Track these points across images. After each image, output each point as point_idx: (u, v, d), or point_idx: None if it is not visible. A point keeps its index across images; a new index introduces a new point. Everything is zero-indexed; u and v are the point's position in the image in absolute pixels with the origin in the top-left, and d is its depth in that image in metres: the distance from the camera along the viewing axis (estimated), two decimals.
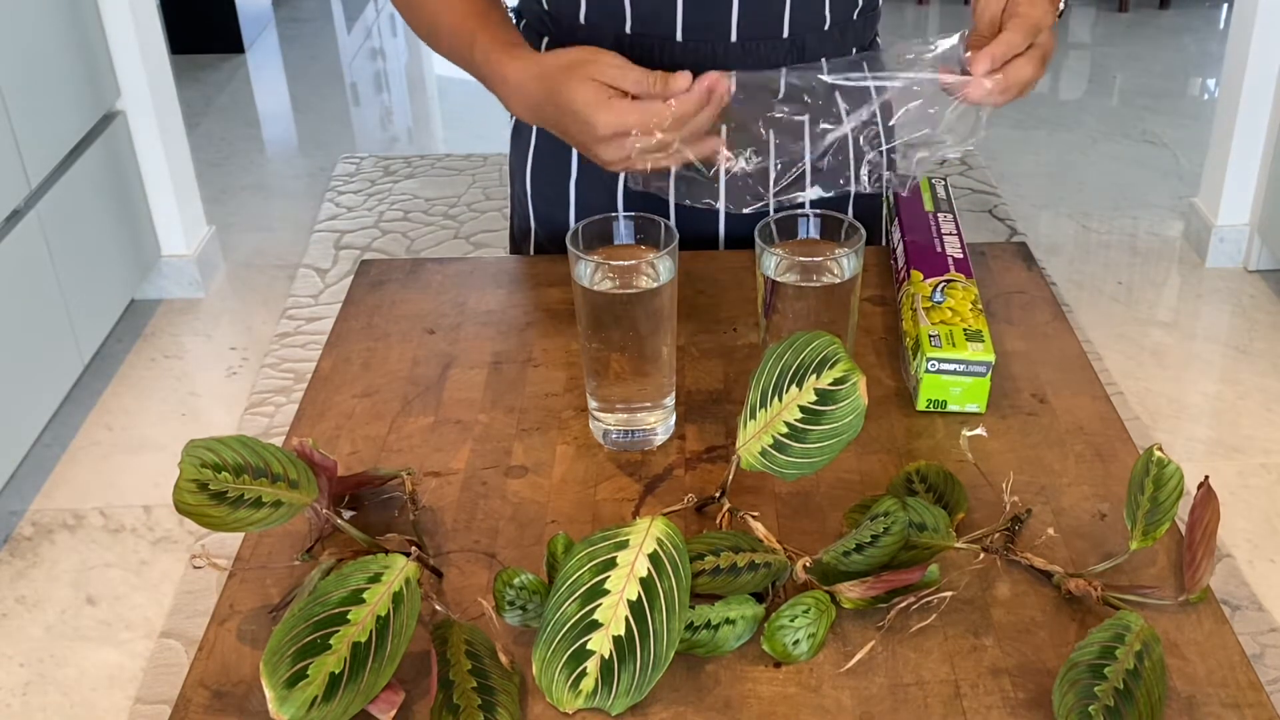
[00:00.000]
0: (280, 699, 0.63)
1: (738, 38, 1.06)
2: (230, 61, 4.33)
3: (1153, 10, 4.74)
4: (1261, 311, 2.74)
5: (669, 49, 1.07)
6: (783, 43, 1.07)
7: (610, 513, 0.83)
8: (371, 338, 1.03)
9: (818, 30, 1.08)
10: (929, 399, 0.91)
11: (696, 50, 1.06)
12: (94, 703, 1.80)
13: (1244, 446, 2.31)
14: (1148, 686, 0.66)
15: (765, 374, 0.78)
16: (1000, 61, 0.88)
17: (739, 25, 1.06)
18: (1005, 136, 3.69)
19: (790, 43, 1.07)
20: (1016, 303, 1.05)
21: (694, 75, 1.05)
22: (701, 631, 0.71)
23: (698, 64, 1.06)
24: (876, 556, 0.73)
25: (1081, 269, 2.95)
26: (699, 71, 1.06)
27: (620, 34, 1.07)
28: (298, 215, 3.27)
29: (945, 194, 1.10)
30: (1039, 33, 0.89)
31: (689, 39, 1.06)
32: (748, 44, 1.07)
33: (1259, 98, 2.72)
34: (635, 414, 0.88)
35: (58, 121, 2.32)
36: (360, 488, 0.84)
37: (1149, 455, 0.76)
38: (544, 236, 1.20)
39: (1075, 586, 0.74)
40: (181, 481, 0.72)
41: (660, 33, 1.06)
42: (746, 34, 1.06)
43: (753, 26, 1.06)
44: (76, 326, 2.34)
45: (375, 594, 0.67)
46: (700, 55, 1.07)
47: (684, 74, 0.88)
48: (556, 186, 1.17)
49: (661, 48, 1.06)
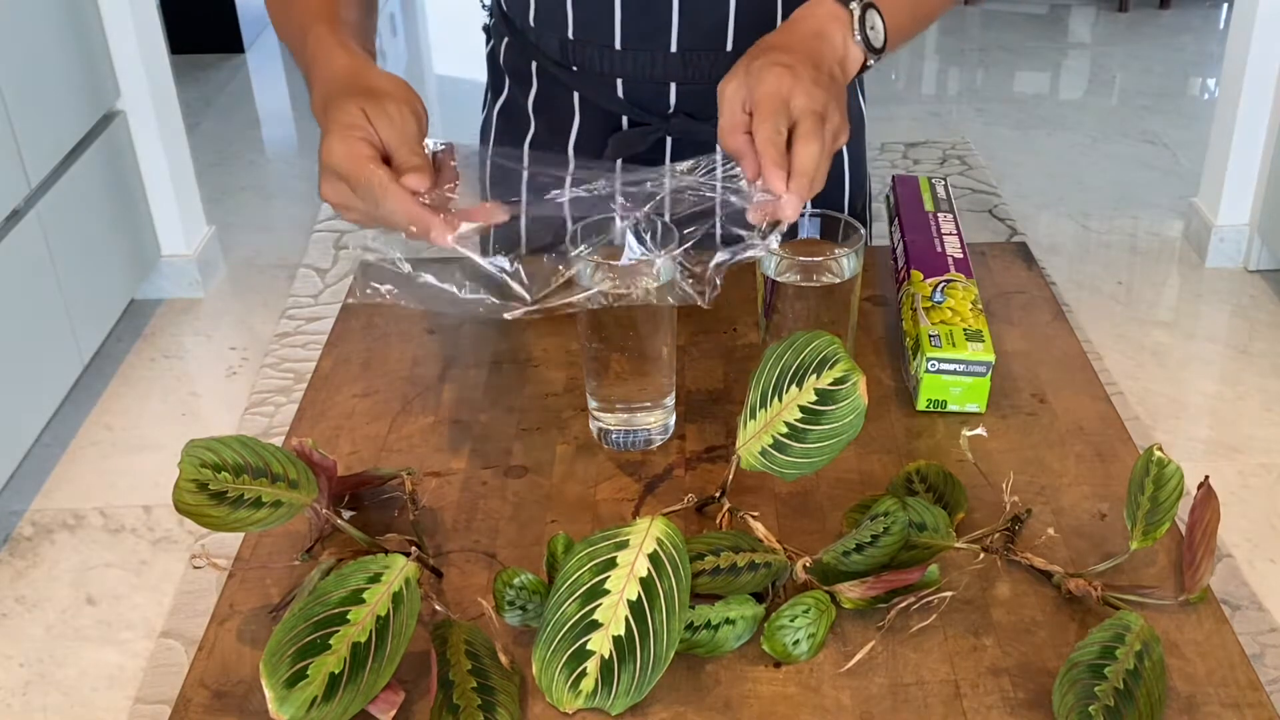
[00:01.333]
0: (280, 699, 0.63)
1: (678, 48, 1.03)
2: (230, 61, 4.33)
3: (1153, 10, 4.74)
4: (1261, 311, 2.74)
5: (608, 56, 1.05)
6: (726, 56, 1.04)
7: (610, 513, 0.83)
8: (371, 338, 1.03)
9: None
10: (929, 399, 0.91)
11: (635, 60, 1.04)
12: (94, 703, 1.80)
13: (1244, 446, 2.31)
14: (1148, 686, 0.66)
15: (765, 374, 0.78)
16: (776, 163, 0.77)
17: (679, 36, 1.03)
18: (1005, 136, 3.69)
19: (734, 56, 1.01)
20: (1016, 303, 1.05)
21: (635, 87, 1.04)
22: (701, 631, 0.71)
23: (637, 74, 1.06)
24: (876, 556, 0.73)
25: (1081, 269, 2.95)
26: (639, 84, 1.06)
27: (564, 39, 1.05)
28: (298, 215, 3.27)
29: (945, 194, 1.10)
30: (787, 102, 0.80)
31: (628, 47, 1.04)
32: (688, 55, 1.04)
33: (1259, 98, 2.72)
34: (635, 414, 0.88)
35: (58, 121, 2.32)
36: (360, 488, 0.84)
37: (1149, 455, 0.76)
38: (499, 239, 1.20)
39: (1075, 586, 0.74)
40: (181, 481, 0.72)
41: (600, 39, 1.04)
42: (688, 45, 1.03)
43: (695, 38, 1.03)
44: (76, 326, 2.34)
45: (375, 594, 0.67)
46: (639, 64, 1.04)
47: (422, 179, 0.77)
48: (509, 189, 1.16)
49: (601, 55, 1.05)
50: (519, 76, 1.12)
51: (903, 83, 4.20)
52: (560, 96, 1.10)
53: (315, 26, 0.88)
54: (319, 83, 0.85)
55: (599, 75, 1.06)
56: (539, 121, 1.12)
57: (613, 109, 1.08)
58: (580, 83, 1.07)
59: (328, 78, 0.84)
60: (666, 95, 1.06)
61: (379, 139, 0.78)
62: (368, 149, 0.77)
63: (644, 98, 1.07)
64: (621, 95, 1.07)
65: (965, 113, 3.89)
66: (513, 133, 1.14)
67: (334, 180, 0.78)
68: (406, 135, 0.79)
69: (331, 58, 0.85)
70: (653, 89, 1.06)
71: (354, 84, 0.82)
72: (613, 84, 1.06)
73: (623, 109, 1.07)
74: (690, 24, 1.02)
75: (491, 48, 1.16)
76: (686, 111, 1.06)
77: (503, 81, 1.14)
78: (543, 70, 1.09)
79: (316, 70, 0.86)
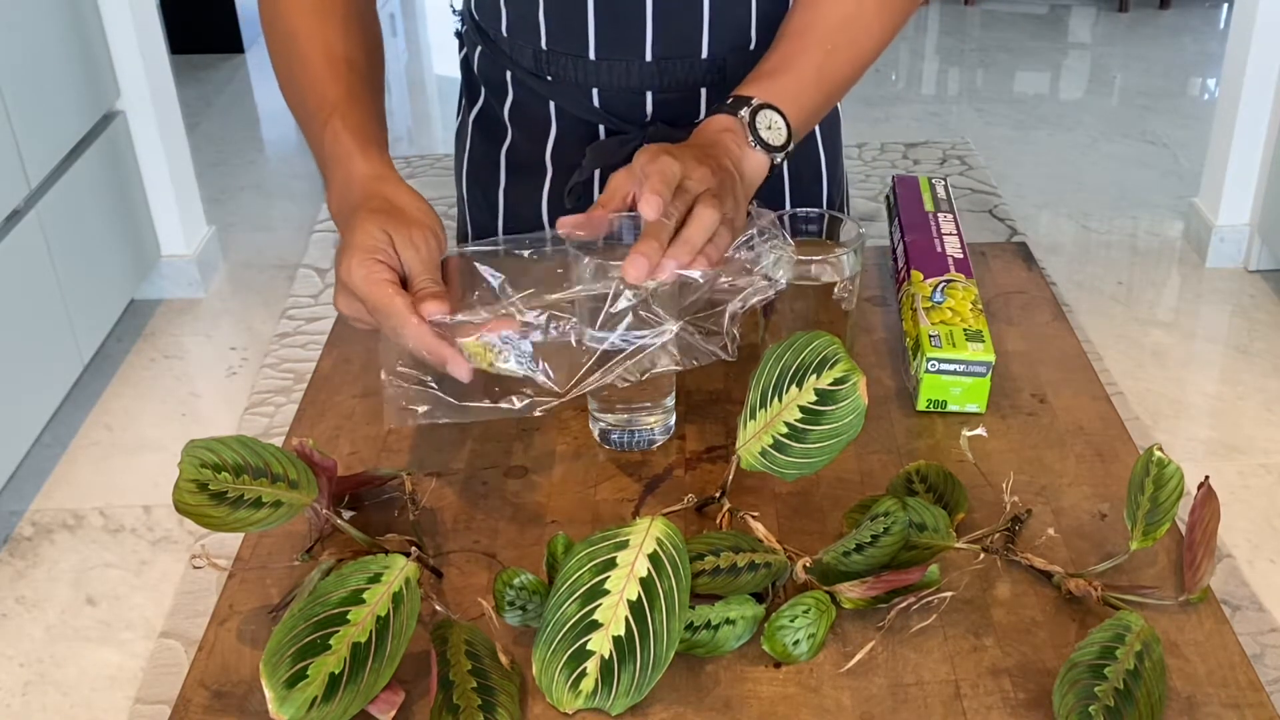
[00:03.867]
0: (280, 699, 0.63)
1: (652, 56, 1.03)
2: (230, 61, 4.33)
3: (1153, 10, 4.74)
4: (1261, 311, 2.74)
5: (583, 66, 1.04)
6: (701, 63, 1.03)
7: (610, 513, 0.83)
8: (371, 338, 1.02)
9: (742, 49, 1.04)
10: (929, 399, 0.91)
11: (610, 69, 1.03)
12: (94, 703, 1.80)
13: (1244, 446, 2.30)
14: (1148, 686, 0.66)
15: (765, 374, 0.78)
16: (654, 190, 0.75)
17: (654, 44, 1.02)
18: (1005, 136, 3.69)
19: (710, 63, 1.04)
20: (1016, 303, 1.05)
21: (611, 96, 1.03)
22: (701, 632, 0.71)
23: (613, 83, 1.05)
24: (876, 556, 0.73)
25: (1081, 269, 2.95)
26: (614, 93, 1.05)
27: (537, 50, 1.04)
28: (298, 215, 3.28)
29: (945, 194, 1.10)
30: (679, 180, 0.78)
31: (602, 57, 1.03)
32: (663, 63, 1.03)
33: (1259, 98, 2.72)
34: (635, 414, 0.88)
35: (58, 121, 2.32)
36: (360, 488, 0.84)
37: (1149, 455, 0.76)
38: (477, 237, 1.19)
39: (1075, 586, 0.74)
40: (181, 481, 0.72)
41: (574, 50, 1.03)
42: (662, 53, 1.02)
43: (669, 45, 1.02)
44: (76, 326, 2.34)
45: (375, 594, 0.67)
46: (614, 73, 1.04)
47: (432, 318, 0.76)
48: (488, 193, 1.15)
49: (576, 65, 1.04)
50: (494, 85, 1.10)
51: (903, 83, 4.20)
52: (536, 106, 1.08)
53: (332, 121, 0.87)
54: (337, 185, 0.85)
55: (574, 85, 1.05)
56: (515, 131, 1.11)
57: (589, 118, 1.07)
58: (555, 92, 1.06)
59: (346, 182, 0.85)
60: (643, 104, 1.06)
61: (399, 263, 0.79)
62: (388, 273, 0.77)
63: (620, 107, 1.06)
64: (598, 105, 1.06)
65: (965, 113, 3.89)
66: (489, 142, 1.13)
67: (351, 298, 0.79)
68: (427, 262, 0.79)
69: (351, 162, 0.85)
70: (629, 98, 1.05)
71: (376, 199, 0.82)
72: (588, 93, 1.05)
73: (599, 118, 1.06)
74: (664, 32, 1.02)
75: (465, 54, 1.14)
76: (663, 119, 1.06)
77: (478, 89, 1.13)
78: (518, 80, 1.08)
79: (335, 171, 0.86)
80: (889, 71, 4.25)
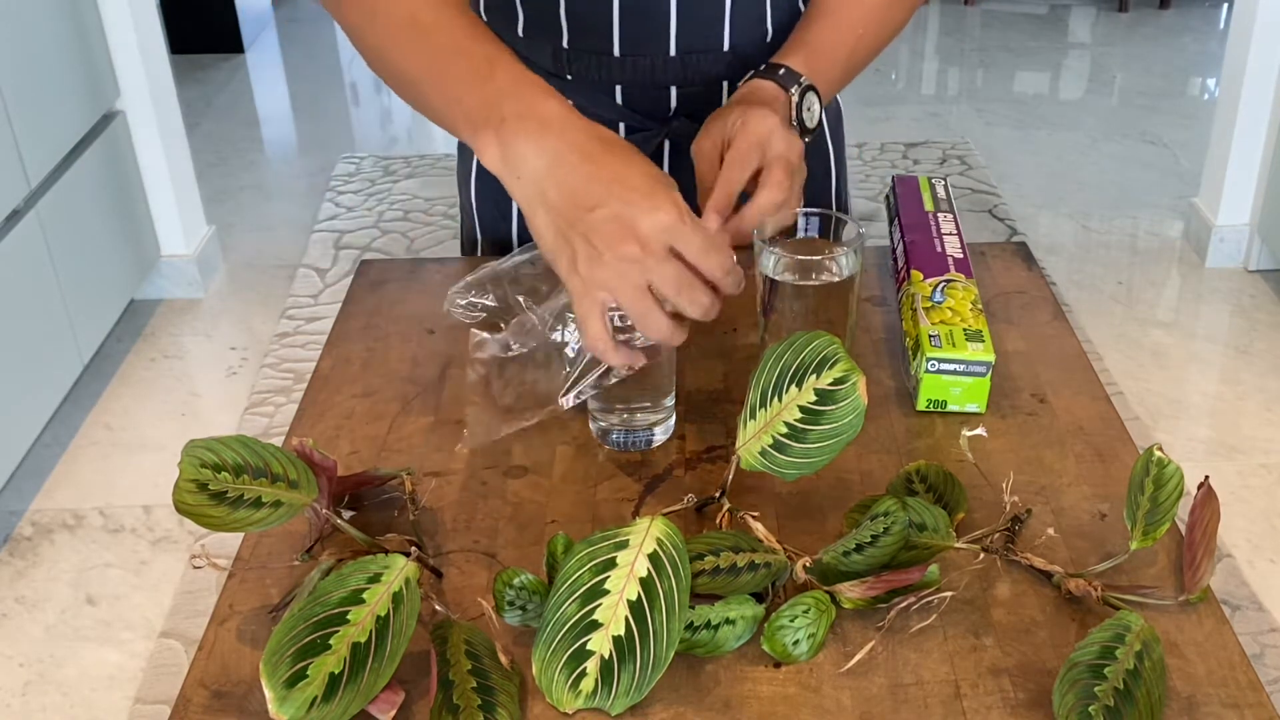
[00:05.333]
0: (280, 699, 0.63)
1: (676, 51, 1.03)
2: (230, 61, 4.33)
3: (1153, 10, 4.74)
4: (1261, 311, 2.74)
5: (606, 63, 1.04)
6: (724, 55, 1.04)
7: (610, 513, 0.83)
8: (371, 338, 1.03)
9: (759, 42, 1.05)
10: (929, 399, 0.91)
11: (635, 65, 1.04)
12: (94, 703, 1.80)
13: (1244, 446, 2.31)
14: (1148, 686, 0.66)
15: (765, 374, 0.78)
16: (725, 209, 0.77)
17: (678, 38, 1.03)
18: (1005, 136, 3.69)
19: (732, 54, 1.05)
20: (1016, 303, 1.05)
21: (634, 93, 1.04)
22: (701, 631, 0.71)
23: (636, 78, 1.05)
24: (876, 556, 0.73)
25: (1081, 269, 2.95)
26: (638, 90, 1.06)
27: (558, 48, 1.04)
28: (298, 215, 3.27)
29: (945, 194, 1.10)
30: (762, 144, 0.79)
31: (626, 53, 1.03)
32: (687, 57, 1.04)
33: (1259, 98, 2.72)
34: (635, 414, 0.88)
35: (57, 121, 2.32)
36: (360, 488, 0.84)
37: (1149, 455, 0.76)
38: (488, 246, 1.19)
39: (1075, 586, 0.74)
40: (181, 481, 0.72)
41: (597, 47, 1.03)
42: (686, 47, 1.03)
43: (692, 39, 1.03)
44: (76, 326, 2.34)
45: (375, 594, 0.67)
46: (639, 70, 1.04)
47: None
48: (498, 197, 1.15)
49: (599, 62, 1.04)
50: None
51: (903, 83, 4.20)
52: None
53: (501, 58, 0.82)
54: (557, 131, 0.77)
55: (596, 83, 1.05)
56: None
57: (610, 117, 1.06)
58: (575, 92, 1.06)
59: (564, 121, 0.78)
60: (667, 99, 1.06)
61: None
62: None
63: (643, 103, 1.06)
64: (620, 102, 1.06)
65: (965, 113, 3.89)
66: None
67: (626, 251, 0.73)
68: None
69: (551, 101, 0.79)
70: (652, 94, 1.05)
71: (616, 143, 0.78)
72: (610, 91, 1.05)
73: (620, 116, 1.06)
74: (687, 25, 1.02)
75: None
76: (686, 114, 1.06)
77: None
78: None
79: (531, 104, 0.78)
80: (889, 71, 4.25)
